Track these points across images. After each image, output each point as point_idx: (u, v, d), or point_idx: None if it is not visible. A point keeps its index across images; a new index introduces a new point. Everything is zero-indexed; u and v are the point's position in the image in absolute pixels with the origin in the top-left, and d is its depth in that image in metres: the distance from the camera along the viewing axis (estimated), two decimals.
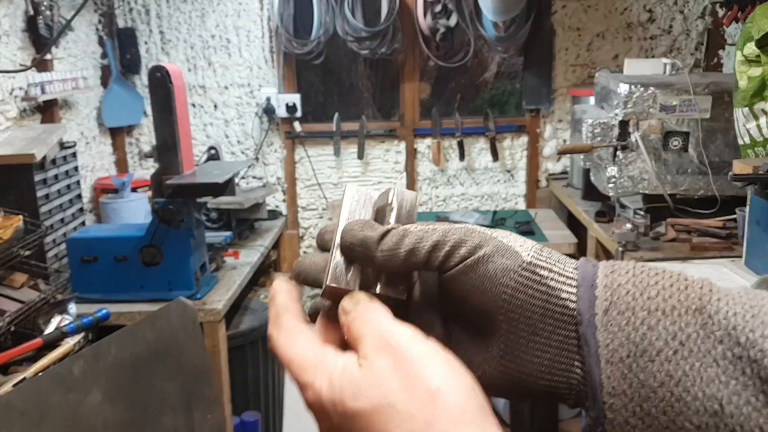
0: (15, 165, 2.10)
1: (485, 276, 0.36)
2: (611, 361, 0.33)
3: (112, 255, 2.09)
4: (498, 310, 0.36)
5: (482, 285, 0.36)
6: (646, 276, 0.35)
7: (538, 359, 0.36)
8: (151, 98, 2.03)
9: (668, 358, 0.33)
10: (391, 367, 0.32)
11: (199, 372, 1.93)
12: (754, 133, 1.88)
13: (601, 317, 0.34)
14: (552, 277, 0.36)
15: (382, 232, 0.37)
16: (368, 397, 0.31)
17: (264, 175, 3.31)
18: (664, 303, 0.34)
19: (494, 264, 0.36)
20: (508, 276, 0.35)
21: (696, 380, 0.32)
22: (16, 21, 2.36)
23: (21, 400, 1.41)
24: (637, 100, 2.18)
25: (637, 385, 0.33)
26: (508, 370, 0.37)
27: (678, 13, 3.14)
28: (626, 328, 0.33)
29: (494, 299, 0.36)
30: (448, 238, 0.36)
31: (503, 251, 0.36)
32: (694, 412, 0.32)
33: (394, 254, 0.37)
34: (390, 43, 3.02)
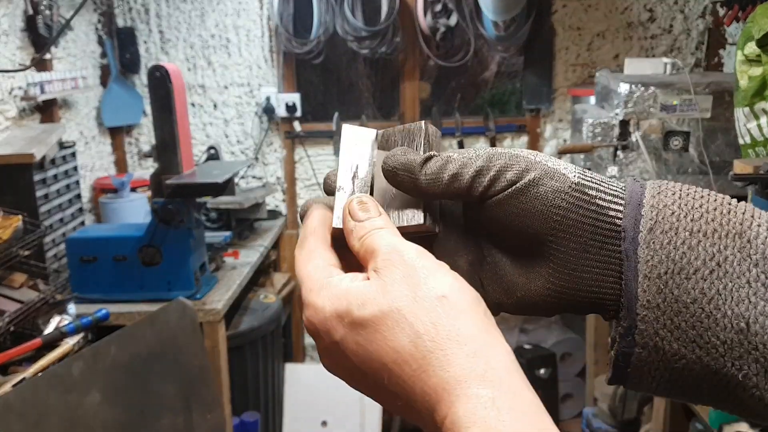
0: (14, 165, 2.10)
1: (536, 198, 0.37)
2: (649, 276, 0.35)
3: (111, 255, 2.08)
4: (549, 231, 0.37)
5: (533, 208, 0.37)
6: (691, 198, 0.36)
7: (588, 274, 0.37)
8: (151, 98, 2.03)
9: (704, 276, 0.34)
10: (400, 277, 0.33)
11: (198, 372, 1.93)
12: (755, 133, 1.88)
13: (645, 235, 0.35)
14: (600, 196, 0.37)
15: (425, 158, 0.38)
16: (376, 304, 0.33)
17: (264, 175, 3.31)
18: (706, 225, 0.35)
19: (545, 187, 0.37)
20: (559, 197, 0.37)
21: (727, 299, 0.34)
22: (15, 20, 2.35)
23: (20, 400, 1.41)
24: (638, 100, 2.18)
25: (671, 299, 0.34)
26: (556, 287, 0.38)
27: (678, 12, 3.14)
28: (667, 246, 0.35)
29: (546, 221, 0.37)
30: (493, 163, 0.37)
31: (551, 174, 0.37)
32: (722, 328, 0.33)
33: (437, 178, 0.38)
34: (390, 42, 3.01)
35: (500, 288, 0.40)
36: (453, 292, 0.32)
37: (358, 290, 0.34)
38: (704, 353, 0.34)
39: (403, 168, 0.38)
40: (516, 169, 0.37)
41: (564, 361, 3.05)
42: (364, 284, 0.34)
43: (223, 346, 2.22)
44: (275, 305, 2.76)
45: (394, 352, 0.31)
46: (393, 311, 0.32)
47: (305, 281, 0.37)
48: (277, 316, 2.76)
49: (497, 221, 0.38)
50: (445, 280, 0.33)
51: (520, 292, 0.39)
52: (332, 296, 0.35)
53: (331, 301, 0.34)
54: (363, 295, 0.33)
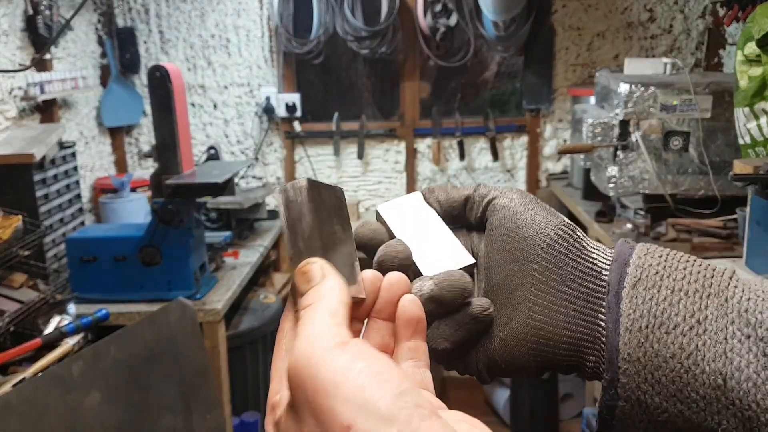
0: (14, 165, 2.10)
1: (531, 222, 0.40)
2: (630, 329, 0.36)
3: (111, 255, 2.08)
4: (535, 258, 0.39)
5: (526, 232, 0.40)
6: (676, 261, 0.38)
7: (566, 309, 0.39)
8: (151, 98, 2.03)
9: (683, 332, 0.35)
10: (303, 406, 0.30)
11: (198, 372, 1.93)
12: (755, 133, 1.88)
13: (629, 290, 0.37)
14: (585, 239, 0.40)
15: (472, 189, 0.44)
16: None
17: (264, 175, 3.31)
18: (688, 285, 0.37)
19: (539, 215, 0.40)
20: (549, 227, 0.40)
21: (705, 355, 0.35)
22: (15, 20, 2.35)
23: (20, 400, 1.41)
24: (638, 100, 2.18)
25: (651, 354, 0.35)
26: (535, 321, 0.39)
27: (678, 12, 3.14)
28: (649, 302, 0.36)
29: (534, 246, 0.39)
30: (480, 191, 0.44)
31: (546, 209, 0.41)
32: (700, 383, 0.35)
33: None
34: (390, 42, 3.02)
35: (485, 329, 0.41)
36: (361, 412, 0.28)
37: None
38: (685, 407, 0.35)
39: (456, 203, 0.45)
40: (507, 194, 0.43)
41: None
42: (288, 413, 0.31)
43: (223, 346, 2.22)
44: (275, 305, 2.76)
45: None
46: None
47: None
48: (277, 317, 2.75)
49: (492, 243, 0.42)
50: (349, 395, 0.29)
51: (502, 332, 0.40)
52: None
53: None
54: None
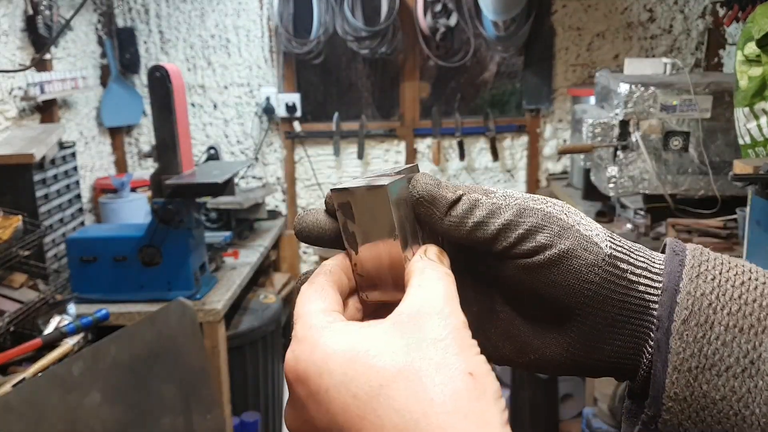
0: (14, 165, 2.10)
1: (569, 273, 0.35)
2: (679, 369, 0.34)
3: (111, 255, 2.08)
4: (576, 306, 0.35)
5: (565, 281, 0.35)
6: (731, 286, 0.35)
7: (609, 346, 0.36)
8: (151, 98, 2.03)
9: (735, 374, 0.33)
10: (431, 339, 0.30)
11: (198, 372, 1.93)
12: (755, 133, 1.88)
13: (678, 326, 0.34)
14: (631, 270, 0.36)
15: (456, 197, 0.35)
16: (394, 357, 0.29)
17: (263, 175, 3.31)
18: (743, 320, 0.34)
19: (579, 261, 0.35)
20: (593, 272, 0.35)
21: (757, 398, 0.33)
22: (15, 20, 2.35)
23: (20, 400, 1.41)
24: (638, 100, 2.18)
25: (699, 395, 0.33)
26: (575, 357, 0.37)
27: (678, 12, 3.14)
28: (701, 340, 0.34)
29: (576, 295, 0.35)
30: (524, 219, 0.35)
31: (585, 245, 0.35)
32: (748, 425, 0.33)
33: (461, 223, 0.35)
34: (390, 42, 3.02)
35: (512, 347, 0.38)
36: (482, 374, 0.29)
37: (377, 336, 0.30)
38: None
39: (429, 200, 0.35)
40: (548, 233, 0.35)
41: None
42: (384, 330, 0.30)
43: (223, 347, 2.22)
44: (275, 305, 2.76)
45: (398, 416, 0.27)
46: (411, 372, 0.28)
47: (305, 316, 0.33)
48: (277, 317, 2.76)
49: (520, 283, 0.36)
50: (479, 358, 0.30)
51: (533, 355, 0.38)
52: (343, 334, 0.31)
53: (339, 339, 0.31)
54: (382, 342, 0.30)
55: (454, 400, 0.27)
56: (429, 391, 0.28)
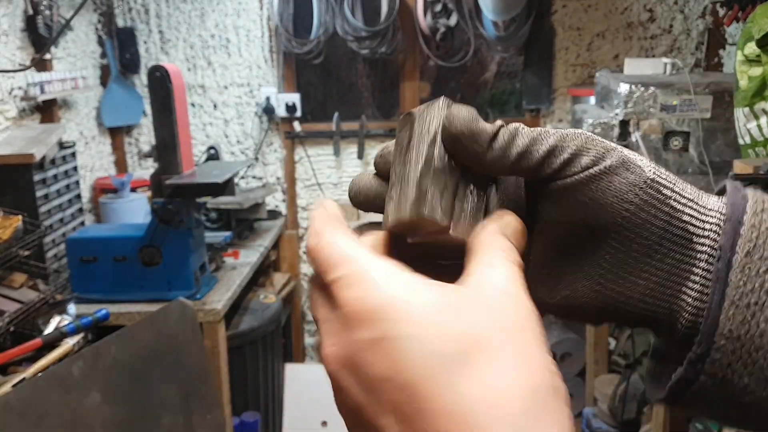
0: (14, 165, 2.10)
1: (608, 190, 0.33)
2: (737, 303, 0.32)
3: (111, 255, 2.08)
4: (614, 227, 0.33)
5: (603, 198, 0.33)
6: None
7: (644, 281, 0.34)
8: (151, 98, 2.03)
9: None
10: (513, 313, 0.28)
11: (198, 372, 1.93)
12: (755, 133, 1.88)
13: (740, 257, 0.32)
14: (675, 197, 0.33)
15: (497, 128, 0.33)
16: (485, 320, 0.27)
17: (263, 175, 3.31)
18: None
19: (620, 178, 0.33)
20: (633, 192, 0.33)
21: None
22: (15, 20, 2.35)
23: (20, 400, 1.41)
24: (638, 100, 2.18)
25: (756, 334, 0.31)
26: (605, 290, 0.35)
27: (678, 12, 3.14)
28: (764, 275, 0.32)
29: (613, 215, 0.33)
30: (567, 143, 0.33)
31: (627, 164, 0.33)
32: None
33: (505, 154, 0.33)
34: (390, 42, 3.01)
35: (544, 285, 0.36)
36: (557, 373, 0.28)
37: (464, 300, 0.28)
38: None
39: (470, 135, 0.33)
40: (593, 154, 0.33)
41: (564, 361, 3.05)
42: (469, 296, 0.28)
43: (223, 347, 2.22)
44: (275, 305, 2.76)
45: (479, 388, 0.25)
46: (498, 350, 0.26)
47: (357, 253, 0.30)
48: (277, 317, 2.76)
49: (559, 208, 0.34)
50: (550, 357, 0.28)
51: (564, 291, 0.36)
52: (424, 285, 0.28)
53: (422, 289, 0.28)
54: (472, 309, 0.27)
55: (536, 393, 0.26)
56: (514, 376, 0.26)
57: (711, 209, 0.34)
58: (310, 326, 3.50)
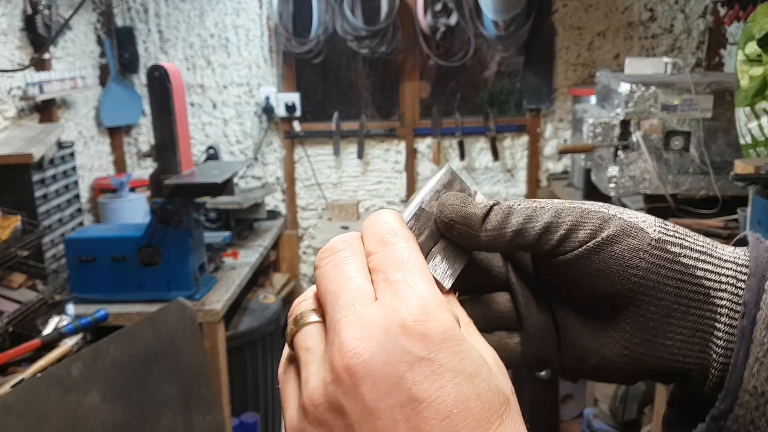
0: (13, 165, 2.09)
1: (611, 258, 0.33)
2: (761, 360, 0.31)
3: (110, 255, 2.08)
4: (626, 294, 0.33)
5: (607, 269, 0.33)
6: None
7: (671, 341, 0.34)
8: (150, 98, 2.02)
9: None
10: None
11: (197, 373, 1.92)
12: (756, 133, 1.87)
13: (765, 314, 0.31)
14: (684, 254, 0.33)
15: (486, 209, 0.34)
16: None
17: (263, 175, 3.30)
18: None
19: (620, 245, 0.33)
20: (637, 257, 0.33)
21: None
22: (14, 20, 2.35)
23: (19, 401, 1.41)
24: (638, 100, 2.18)
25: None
26: (633, 353, 0.35)
27: (679, 12, 3.13)
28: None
29: (622, 283, 0.33)
30: (563, 219, 0.34)
31: (628, 230, 0.33)
32: None
33: (500, 234, 0.34)
34: (390, 42, 3.01)
35: (574, 353, 0.36)
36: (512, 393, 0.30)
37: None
38: None
39: (461, 221, 0.34)
40: (589, 227, 0.33)
41: None
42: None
43: (223, 347, 2.21)
44: (275, 306, 2.76)
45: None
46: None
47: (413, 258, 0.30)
48: (276, 317, 2.75)
49: (568, 280, 0.34)
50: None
51: (594, 359, 0.36)
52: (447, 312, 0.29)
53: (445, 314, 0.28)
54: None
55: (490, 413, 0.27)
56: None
57: (726, 260, 0.33)
58: None
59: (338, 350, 0.27)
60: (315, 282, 0.32)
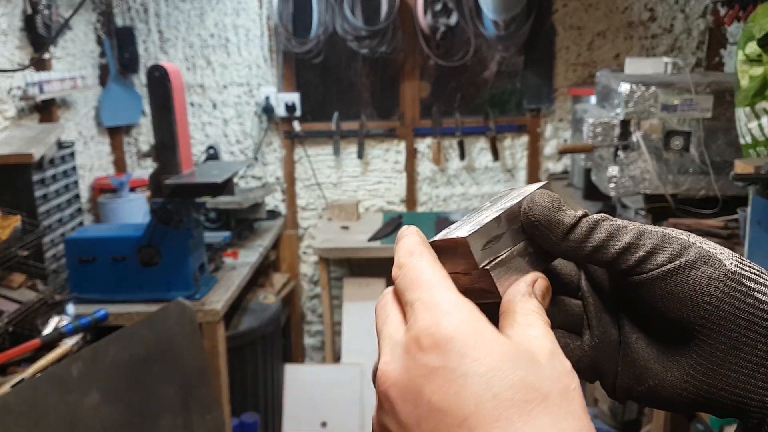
0: (13, 165, 2.09)
1: (686, 284, 0.33)
2: None
3: (110, 255, 2.08)
4: (697, 321, 0.34)
5: (682, 293, 0.33)
6: None
7: (734, 373, 0.34)
8: (150, 97, 2.02)
9: None
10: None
11: (197, 373, 1.92)
12: (756, 133, 1.87)
13: None
14: (759, 289, 0.33)
15: (575, 220, 0.35)
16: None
17: (263, 175, 3.30)
18: None
19: (697, 272, 0.33)
20: (712, 285, 0.33)
21: None
22: (14, 20, 2.35)
23: (18, 401, 1.41)
24: (639, 100, 2.18)
25: None
26: (696, 381, 0.35)
27: (679, 12, 3.13)
28: None
29: (694, 309, 0.33)
30: (643, 241, 0.34)
31: (706, 258, 0.34)
32: None
33: (580, 246, 0.35)
34: (390, 42, 3.01)
35: (631, 372, 0.37)
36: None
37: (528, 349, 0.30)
38: None
39: (546, 224, 0.35)
40: (669, 252, 0.34)
41: None
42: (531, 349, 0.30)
43: (223, 347, 2.21)
44: (275, 306, 2.76)
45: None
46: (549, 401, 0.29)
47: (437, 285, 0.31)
48: (276, 317, 2.75)
49: (640, 300, 0.35)
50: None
51: (653, 381, 0.36)
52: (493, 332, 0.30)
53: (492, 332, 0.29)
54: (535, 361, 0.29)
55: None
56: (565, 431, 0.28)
57: None
58: (309, 327, 3.50)
59: (377, 379, 0.30)
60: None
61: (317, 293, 3.43)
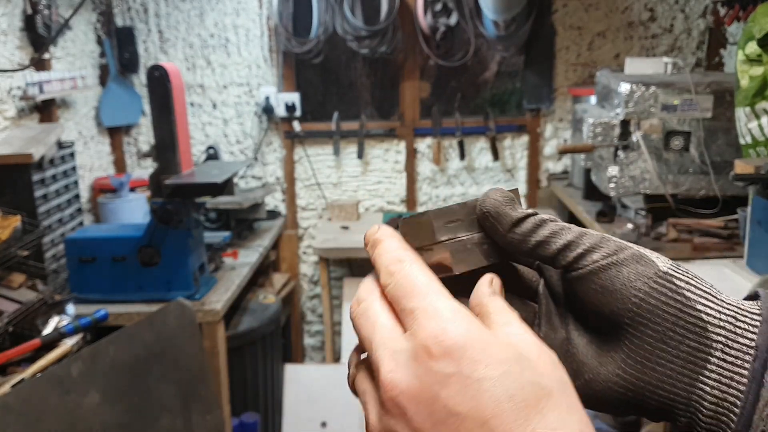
0: (13, 165, 2.09)
1: (617, 278, 0.35)
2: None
3: (110, 255, 2.08)
4: (626, 314, 0.35)
5: (612, 286, 0.35)
6: None
7: (662, 368, 0.35)
8: (150, 98, 2.02)
9: None
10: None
11: (197, 373, 1.92)
12: (756, 133, 1.87)
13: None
14: (689, 289, 0.35)
15: (522, 215, 0.37)
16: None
17: (263, 175, 3.30)
18: None
19: (628, 269, 0.35)
20: (641, 280, 0.35)
21: None
22: (14, 20, 2.35)
23: (18, 401, 1.41)
24: (639, 100, 2.18)
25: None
26: (626, 375, 0.36)
27: (679, 12, 3.13)
28: None
29: (623, 302, 0.35)
30: (583, 240, 0.37)
31: (639, 258, 0.36)
32: None
33: (525, 240, 0.37)
34: (390, 42, 3.01)
35: (570, 367, 0.38)
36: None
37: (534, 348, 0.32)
38: None
39: (495, 216, 0.38)
40: (605, 251, 0.36)
41: None
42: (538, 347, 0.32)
43: (223, 347, 2.21)
44: (275, 306, 2.76)
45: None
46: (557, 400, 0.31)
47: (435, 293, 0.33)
48: (276, 317, 2.75)
49: (579, 297, 0.37)
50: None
51: (588, 375, 0.38)
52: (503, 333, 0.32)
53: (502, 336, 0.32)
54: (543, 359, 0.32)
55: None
56: (570, 422, 0.30)
57: (728, 303, 0.35)
58: (309, 327, 3.50)
59: (381, 386, 0.31)
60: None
61: (317, 293, 3.43)
